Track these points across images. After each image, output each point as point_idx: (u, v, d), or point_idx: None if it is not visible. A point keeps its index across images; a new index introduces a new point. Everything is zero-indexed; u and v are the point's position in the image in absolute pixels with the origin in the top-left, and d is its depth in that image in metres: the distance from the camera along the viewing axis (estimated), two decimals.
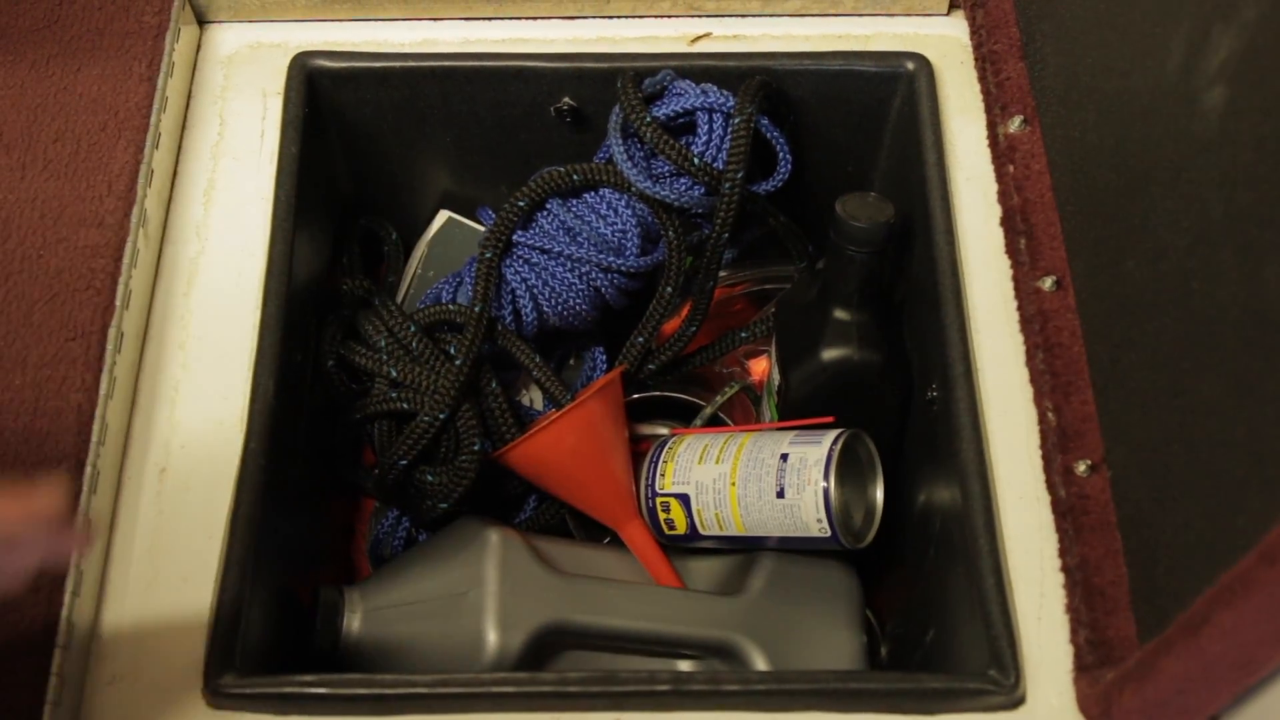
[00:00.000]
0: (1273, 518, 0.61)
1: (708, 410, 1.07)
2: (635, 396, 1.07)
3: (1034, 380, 0.89)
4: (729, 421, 1.09)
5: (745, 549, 1.00)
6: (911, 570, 0.98)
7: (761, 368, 1.12)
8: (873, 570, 1.03)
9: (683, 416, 1.10)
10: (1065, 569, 0.82)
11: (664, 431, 1.08)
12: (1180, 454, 0.74)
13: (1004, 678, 0.79)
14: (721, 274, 1.06)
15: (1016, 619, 0.82)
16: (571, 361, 1.10)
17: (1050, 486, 0.85)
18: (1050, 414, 0.86)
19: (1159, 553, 0.76)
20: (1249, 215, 0.67)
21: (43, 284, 0.88)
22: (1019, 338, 0.92)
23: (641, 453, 1.03)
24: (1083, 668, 0.79)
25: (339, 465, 1.03)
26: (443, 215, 1.11)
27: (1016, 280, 0.93)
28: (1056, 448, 0.85)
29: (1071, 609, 0.81)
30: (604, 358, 1.08)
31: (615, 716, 0.80)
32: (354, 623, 0.93)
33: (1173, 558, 0.74)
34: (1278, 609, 0.61)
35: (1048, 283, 0.90)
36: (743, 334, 1.09)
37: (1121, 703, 0.73)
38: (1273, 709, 0.72)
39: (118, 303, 0.89)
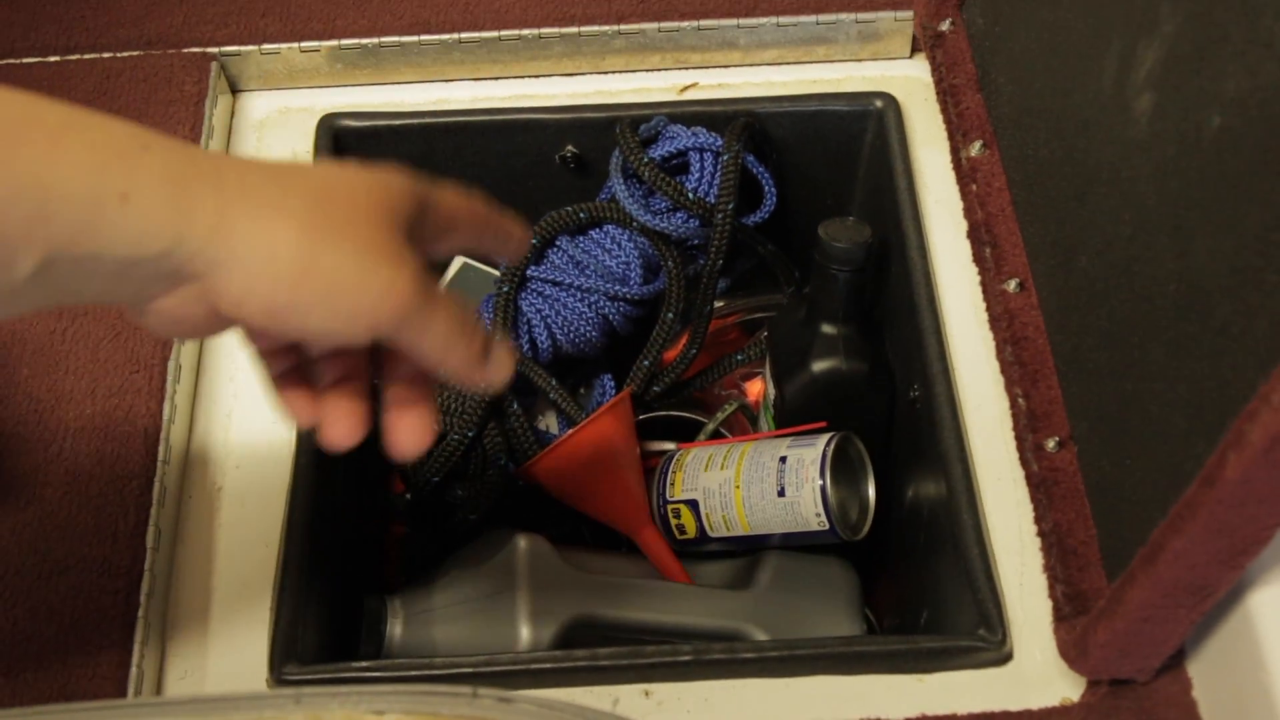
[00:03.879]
0: (1210, 452, 0.70)
1: (710, 426, 1.15)
2: (642, 417, 1.14)
3: (1004, 371, 0.96)
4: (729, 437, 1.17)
5: (751, 548, 1.07)
6: (904, 559, 1.06)
7: (757, 389, 1.20)
8: (869, 568, 1.10)
9: (687, 436, 1.17)
10: (1041, 534, 0.89)
11: (671, 447, 1.16)
12: (1135, 420, 0.82)
13: (992, 635, 0.87)
14: (717, 305, 1.15)
15: (1000, 583, 0.89)
16: (582, 390, 1.18)
17: (1024, 463, 0.93)
18: (1020, 399, 0.94)
19: (1122, 510, 0.84)
20: (1178, 199, 0.76)
21: (105, 324, 0.97)
22: (989, 335, 0.99)
23: (651, 468, 1.11)
24: (1061, 618, 0.86)
25: (372, 489, 1.11)
26: (458, 261, 1.19)
27: (984, 285, 1.01)
28: (1028, 428, 0.93)
29: (1049, 568, 0.88)
30: (612, 384, 1.15)
31: (644, 688, 0.88)
32: (396, 628, 0.99)
33: (1133, 511, 0.81)
34: (1220, 529, 0.69)
35: (1012, 285, 0.98)
36: (739, 357, 1.16)
37: (1095, 639, 0.80)
38: (1232, 641, 0.80)
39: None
